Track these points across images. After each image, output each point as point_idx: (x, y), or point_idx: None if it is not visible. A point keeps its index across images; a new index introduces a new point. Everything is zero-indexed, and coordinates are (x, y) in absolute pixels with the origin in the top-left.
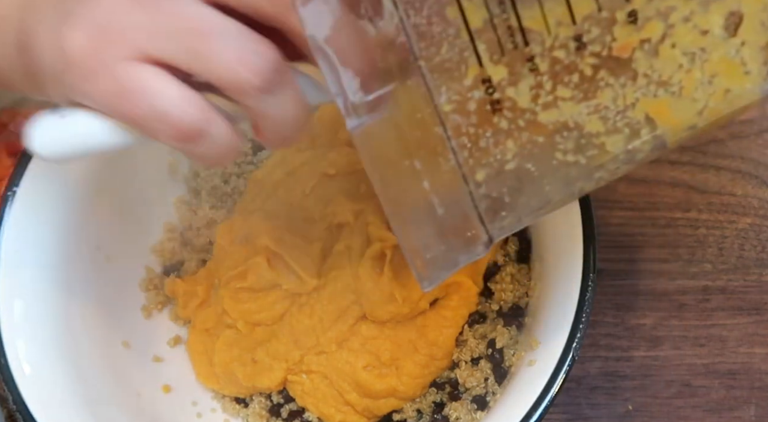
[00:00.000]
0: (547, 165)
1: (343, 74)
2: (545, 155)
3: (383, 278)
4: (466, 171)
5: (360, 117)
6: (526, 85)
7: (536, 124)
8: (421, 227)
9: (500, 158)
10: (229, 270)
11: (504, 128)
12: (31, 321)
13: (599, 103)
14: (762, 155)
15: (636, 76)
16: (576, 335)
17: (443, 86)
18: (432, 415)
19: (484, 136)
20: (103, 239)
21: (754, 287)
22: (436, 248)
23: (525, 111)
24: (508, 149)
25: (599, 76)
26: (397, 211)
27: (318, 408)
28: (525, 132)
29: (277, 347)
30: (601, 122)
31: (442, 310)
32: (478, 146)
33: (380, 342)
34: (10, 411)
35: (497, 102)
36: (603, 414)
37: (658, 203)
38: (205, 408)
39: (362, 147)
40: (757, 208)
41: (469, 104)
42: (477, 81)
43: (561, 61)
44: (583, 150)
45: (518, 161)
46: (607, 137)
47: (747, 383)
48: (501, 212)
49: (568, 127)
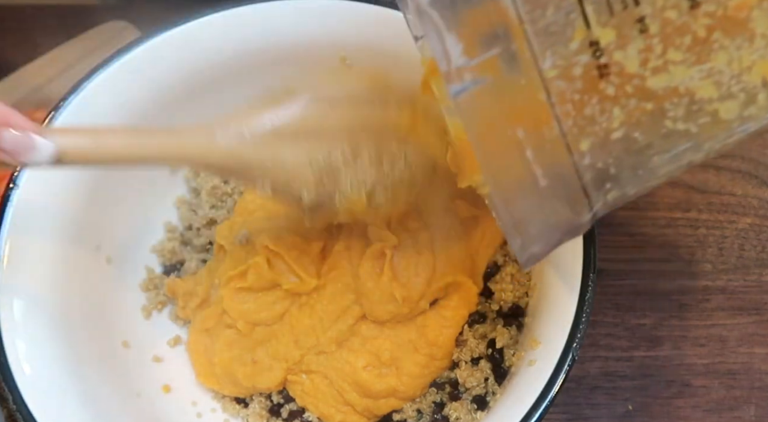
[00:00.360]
0: (655, 134)
1: (447, 38)
2: (654, 123)
3: (383, 278)
4: (570, 140)
5: (463, 83)
6: (635, 49)
7: (645, 90)
8: (523, 200)
9: (606, 127)
10: (229, 270)
11: (611, 94)
12: (31, 321)
13: (713, 66)
14: (762, 155)
15: (753, 37)
16: (576, 335)
17: (548, 50)
18: (432, 415)
19: (589, 103)
20: (103, 239)
21: (754, 287)
22: (538, 223)
23: (633, 76)
24: (614, 117)
25: (713, 37)
26: (499, 182)
27: (318, 408)
28: (633, 99)
29: (276, 347)
30: (715, 87)
31: (442, 310)
32: (583, 113)
33: (380, 341)
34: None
35: (604, 67)
36: (603, 414)
37: (658, 203)
38: (205, 408)
39: (464, 115)
40: (757, 208)
41: (574, 69)
42: (584, 44)
43: (673, 22)
44: (695, 117)
45: (625, 130)
46: (721, 103)
47: (747, 383)
48: (606, 184)
49: (679, 93)
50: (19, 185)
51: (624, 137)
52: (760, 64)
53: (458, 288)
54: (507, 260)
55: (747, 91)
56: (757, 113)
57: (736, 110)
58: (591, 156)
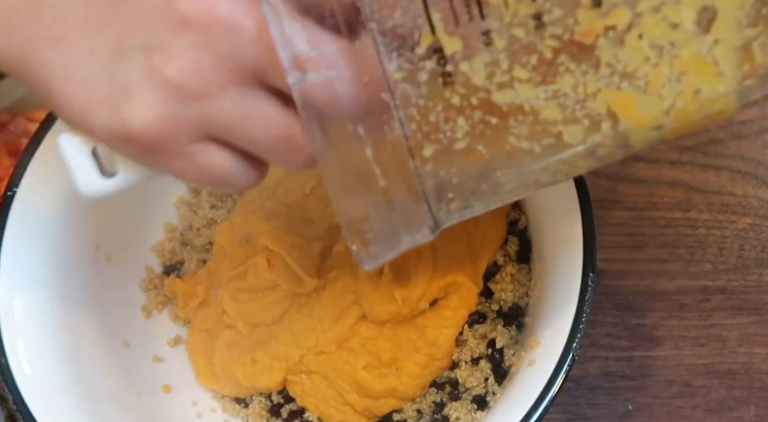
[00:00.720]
0: (499, 149)
1: (288, 25)
2: (498, 137)
3: (383, 278)
4: (413, 145)
5: (303, 73)
6: (481, 61)
7: (490, 103)
8: (361, 197)
9: (450, 136)
10: (229, 270)
11: (455, 103)
12: (31, 321)
13: (558, 89)
14: (762, 155)
15: (599, 64)
16: (576, 335)
17: (394, 52)
18: (432, 415)
19: (434, 110)
20: (103, 239)
21: (754, 287)
22: (377, 223)
23: (479, 88)
24: (458, 127)
25: (559, 60)
26: (336, 177)
27: (318, 408)
28: (477, 111)
29: (276, 347)
30: (559, 110)
31: (442, 310)
32: (428, 119)
33: (380, 342)
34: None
35: (449, 75)
36: (603, 414)
37: (658, 203)
38: (205, 408)
39: (301, 105)
40: (757, 208)
41: (420, 74)
42: (430, 51)
43: (519, 40)
44: (539, 137)
45: (469, 142)
46: (565, 127)
47: (747, 383)
48: (448, 194)
49: (524, 111)
50: (19, 184)
51: (467, 149)
52: (604, 93)
53: (458, 288)
54: (507, 260)
55: (591, 117)
56: (602, 141)
57: (579, 135)
58: (433, 163)
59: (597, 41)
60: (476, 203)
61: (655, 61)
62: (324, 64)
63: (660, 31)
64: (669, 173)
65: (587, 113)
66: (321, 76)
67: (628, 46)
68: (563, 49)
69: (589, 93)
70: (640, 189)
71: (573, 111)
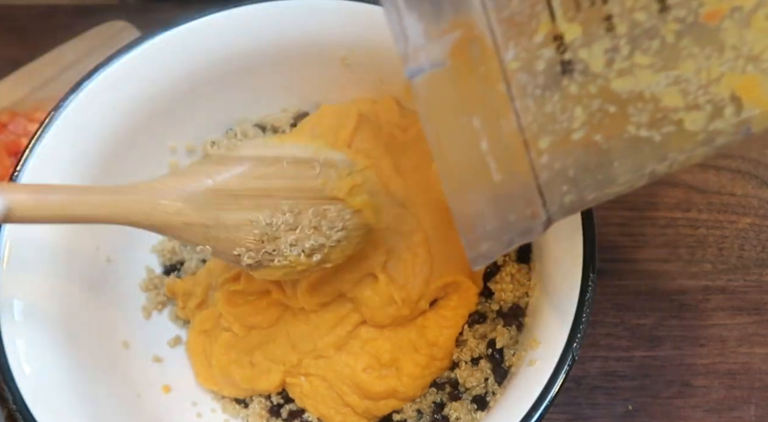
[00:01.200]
0: (617, 139)
1: (406, 16)
2: (616, 127)
3: (379, 283)
4: (529, 137)
5: (420, 64)
6: (601, 48)
7: (609, 91)
8: (475, 192)
9: (567, 126)
10: (224, 272)
11: (573, 92)
12: (31, 321)
13: (680, 74)
14: (762, 155)
15: (723, 47)
16: (576, 335)
17: (512, 41)
18: (432, 415)
19: (551, 99)
20: (103, 240)
21: (754, 287)
22: (490, 220)
23: (597, 76)
24: (576, 117)
25: (682, 44)
26: (451, 171)
27: (318, 409)
28: (596, 99)
29: (273, 350)
30: (681, 96)
31: (442, 310)
32: (544, 110)
33: (380, 343)
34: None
35: (568, 63)
36: (603, 414)
37: (658, 203)
38: (205, 408)
39: (419, 97)
40: (757, 208)
41: (537, 63)
42: (548, 38)
43: (641, 25)
44: (659, 126)
45: (586, 131)
46: (687, 114)
47: (747, 383)
48: (563, 187)
49: (644, 98)
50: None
51: (585, 139)
52: (728, 77)
53: (458, 288)
54: (507, 260)
55: (714, 103)
56: (723, 128)
57: (702, 122)
58: (549, 155)
59: (722, 23)
60: (590, 196)
61: None
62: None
63: None
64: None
65: (710, 98)
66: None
67: (754, 27)
68: (686, 32)
69: (712, 78)
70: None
71: (695, 97)
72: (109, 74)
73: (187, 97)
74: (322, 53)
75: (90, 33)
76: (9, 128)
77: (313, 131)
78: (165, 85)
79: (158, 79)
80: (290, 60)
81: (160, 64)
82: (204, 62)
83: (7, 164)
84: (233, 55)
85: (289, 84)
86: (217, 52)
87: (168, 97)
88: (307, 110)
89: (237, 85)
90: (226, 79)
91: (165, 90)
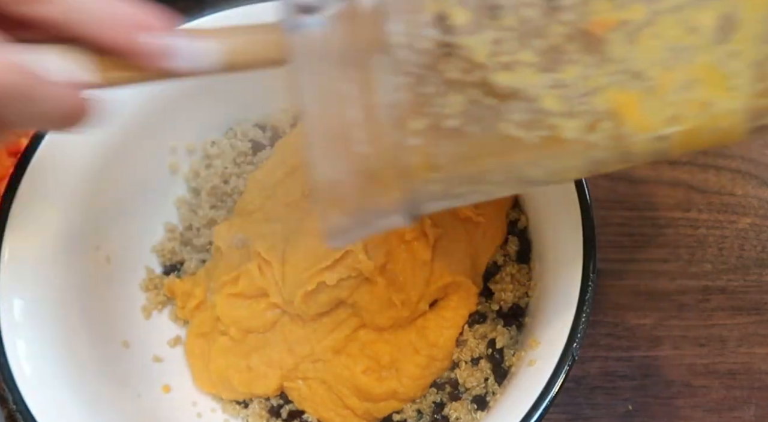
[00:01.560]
0: (492, 134)
1: None
2: (492, 122)
3: (377, 286)
4: (403, 114)
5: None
6: (487, 38)
7: (488, 84)
8: (338, 161)
9: (441, 112)
10: (223, 274)
11: (453, 78)
12: (31, 321)
13: (562, 78)
14: (762, 155)
15: (607, 60)
16: (576, 335)
17: (400, 15)
18: (432, 415)
19: (429, 81)
20: (103, 239)
21: (754, 287)
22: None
23: (480, 66)
24: (452, 103)
25: (568, 48)
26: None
27: (317, 411)
28: (475, 90)
29: (270, 354)
30: (560, 101)
31: (442, 311)
32: (421, 90)
33: (379, 345)
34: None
35: (450, 46)
36: (603, 414)
37: (658, 203)
38: (205, 408)
39: (295, 52)
40: (757, 208)
41: (420, 41)
42: (435, 18)
43: (529, 21)
44: (535, 128)
45: (461, 121)
46: (564, 120)
47: (747, 383)
48: (432, 174)
49: (523, 96)
50: (19, 184)
51: (459, 129)
52: (610, 90)
53: (458, 289)
54: (507, 260)
55: (592, 114)
56: (598, 141)
57: (577, 131)
58: (422, 138)
59: (610, 35)
60: (460, 190)
61: (667, 64)
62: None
63: (677, 33)
64: (669, 173)
65: (589, 108)
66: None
67: (641, 45)
68: (573, 37)
69: (593, 87)
70: (640, 189)
71: (574, 105)
72: None
73: (187, 98)
74: None
75: None
76: None
77: None
78: (165, 85)
79: None
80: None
81: None
82: None
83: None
84: None
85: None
86: None
87: (168, 98)
88: None
89: (237, 85)
90: (226, 79)
91: (165, 90)
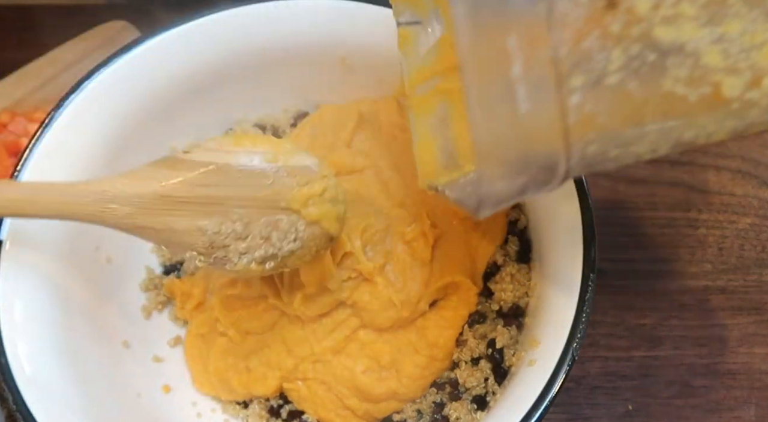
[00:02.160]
0: (653, 91)
1: None
2: (653, 77)
3: (377, 287)
4: (563, 70)
5: None
6: None
7: (651, 38)
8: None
9: (602, 67)
10: (221, 276)
11: (614, 32)
12: (31, 321)
13: (724, 33)
14: (762, 155)
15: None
16: (576, 335)
17: None
18: (432, 415)
19: (590, 35)
20: (103, 240)
21: (754, 287)
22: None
23: (642, 19)
24: (613, 59)
25: (730, 1)
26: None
27: (317, 412)
28: (636, 44)
29: (269, 356)
30: (722, 56)
31: (442, 311)
32: (581, 46)
33: (379, 346)
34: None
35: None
36: (603, 414)
37: (658, 203)
38: (205, 408)
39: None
40: (757, 208)
41: None
42: None
43: None
44: (697, 84)
45: (622, 76)
46: (725, 76)
47: (747, 383)
48: (590, 134)
49: (685, 51)
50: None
51: (619, 85)
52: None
53: (458, 289)
54: (507, 260)
55: (753, 70)
56: (758, 99)
57: (738, 89)
58: (581, 95)
59: None
60: (614, 150)
61: None
62: None
63: None
64: (669, 173)
65: (751, 64)
66: None
67: None
68: None
69: (755, 43)
70: (640, 189)
71: (736, 60)
72: (109, 74)
73: (187, 98)
74: (322, 54)
75: (90, 33)
76: (9, 128)
77: (313, 131)
78: (165, 85)
79: (158, 79)
80: (290, 60)
81: (160, 64)
82: (204, 62)
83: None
84: (233, 55)
85: (289, 84)
86: (217, 53)
87: (168, 97)
88: (307, 110)
89: (237, 85)
90: (227, 80)
91: (165, 90)
